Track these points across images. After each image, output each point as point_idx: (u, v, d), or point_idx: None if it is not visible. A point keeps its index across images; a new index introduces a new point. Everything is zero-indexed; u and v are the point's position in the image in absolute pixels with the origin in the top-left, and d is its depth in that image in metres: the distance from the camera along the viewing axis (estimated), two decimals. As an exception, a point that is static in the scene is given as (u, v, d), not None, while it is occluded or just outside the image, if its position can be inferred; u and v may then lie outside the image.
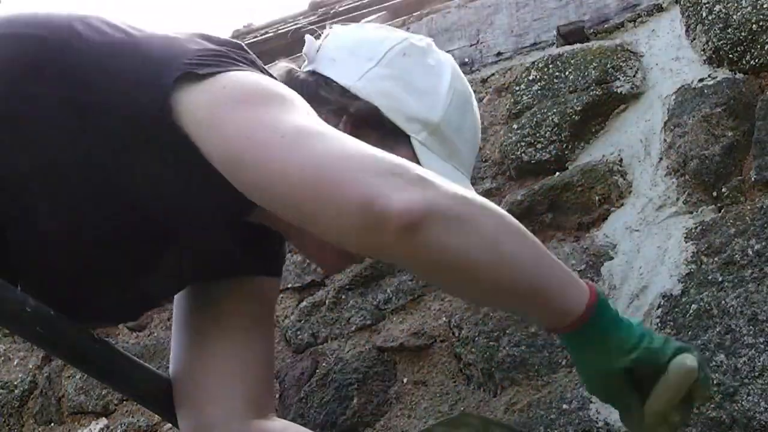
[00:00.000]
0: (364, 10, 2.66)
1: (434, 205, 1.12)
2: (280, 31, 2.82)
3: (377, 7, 2.65)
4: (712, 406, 1.48)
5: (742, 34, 1.68)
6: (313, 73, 1.40)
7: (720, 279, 1.57)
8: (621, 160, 1.75)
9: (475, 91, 1.97)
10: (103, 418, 2.12)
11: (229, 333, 1.44)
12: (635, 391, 1.22)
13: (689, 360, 1.20)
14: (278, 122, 1.19)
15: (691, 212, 1.65)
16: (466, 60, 2.02)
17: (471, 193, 1.19)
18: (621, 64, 1.80)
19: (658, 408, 1.21)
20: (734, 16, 1.69)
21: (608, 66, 1.80)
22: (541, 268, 1.19)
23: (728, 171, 1.64)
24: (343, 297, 1.90)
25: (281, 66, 1.43)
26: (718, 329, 1.53)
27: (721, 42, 1.70)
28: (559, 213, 1.78)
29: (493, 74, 1.97)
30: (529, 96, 1.86)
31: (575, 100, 1.80)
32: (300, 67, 1.43)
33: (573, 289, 1.20)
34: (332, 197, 1.12)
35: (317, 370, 1.87)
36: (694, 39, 1.76)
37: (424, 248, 1.12)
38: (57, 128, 1.25)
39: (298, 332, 1.93)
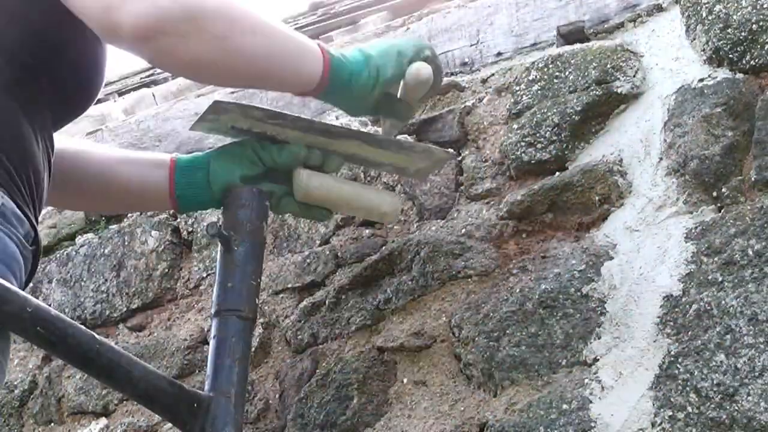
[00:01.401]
0: (364, 10, 2.66)
1: (163, 17, 1.28)
2: (280, 31, 2.81)
3: (377, 7, 2.65)
4: (712, 406, 1.49)
5: (742, 34, 1.68)
6: None
7: (720, 279, 1.57)
8: (621, 160, 1.75)
9: (474, 92, 1.98)
10: (103, 418, 2.12)
11: None
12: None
13: (424, 70, 1.58)
14: None
15: (691, 212, 1.65)
16: (466, 60, 2.02)
17: None
18: (621, 64, 1.80)
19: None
20: (734, 16, 1.69)
21: (608, 66, 1.80)
22: (272, 54, 1.42)
23: (728, 171, 1.64)
24: (343, 297, 1.90)
25: None
26: (718, 329, 1.53)
27: (721, 42, 1.70)
28: (559, 213, 1.78)
29: (493, 74, 1.97)
30: (529, 96, 1.86)
31: (575, 100, 1.80)
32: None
33: (307, 62, 1.46)
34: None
35: (317, 370, 1.87)
36: (694, 39, 1.76)
37: (158, 55, 1.33)
38: None
39: (298, 332, 1.93)
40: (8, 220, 1.30)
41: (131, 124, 2.38)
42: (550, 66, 1.86)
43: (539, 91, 1.86)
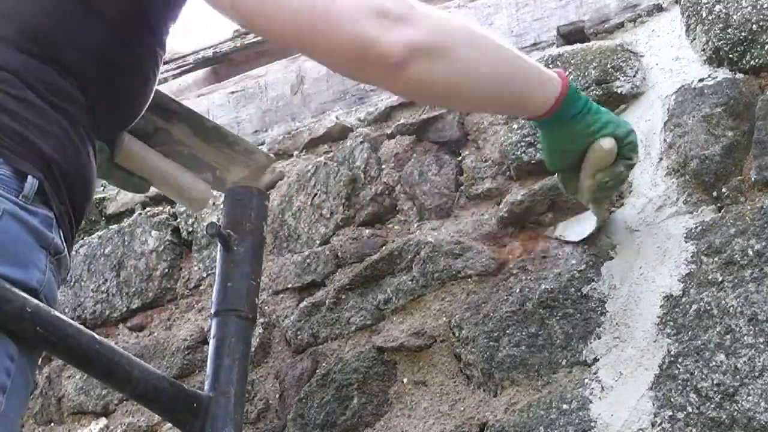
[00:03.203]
0: (364, 10, 2.66)
1: (416, 44, 1.31)
2: (280, 31, 2.82)
3: (377, 7, 2.65)
4: (712, 406, 1.49)
5: (742, 34, 1.68)
6: None
7: (720, 279, 1.57)
8: (621, 160, 1.75)
9: (475, 91, 1.98)
10: (103, 418, 2.12)
11: None
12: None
13: (606, 144, 1.55)
14: None
15: (691, 212, 1.65)
16: (466, 60, 2.02)
17: (448, 20, 1.40)
18: (621, 64, 1.80)
19: (584, 176, 1.60)
20: (734, 16, 1.69)
21: (608, 66, 1.80)
22: (516, 76, 1.46)
23: (728, 171, 1.64)
24: (343, 297, 1.90)
25: None
26: (718, 329, 1.53)
27: (721, 42, 1.70)
28: (559, 213, 1.78)
29: (493, 74, 1.96)
30: (529, 96, 1.86)
31: (575, 100, 1.80)
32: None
33: (546, 85, 1.48)
34: (327, 39, 1.29)
35: (317, 370, 1.87)
36: (694, 39, 1.76)
37: (410, 82, 1.35)
38: None
39: (298, 332, 1.93)
40: (60, 268, 1.34)
41: (131, 124, 2.38)
42: (550, 66, 1.86)
43: (539, 91, 1.85)
